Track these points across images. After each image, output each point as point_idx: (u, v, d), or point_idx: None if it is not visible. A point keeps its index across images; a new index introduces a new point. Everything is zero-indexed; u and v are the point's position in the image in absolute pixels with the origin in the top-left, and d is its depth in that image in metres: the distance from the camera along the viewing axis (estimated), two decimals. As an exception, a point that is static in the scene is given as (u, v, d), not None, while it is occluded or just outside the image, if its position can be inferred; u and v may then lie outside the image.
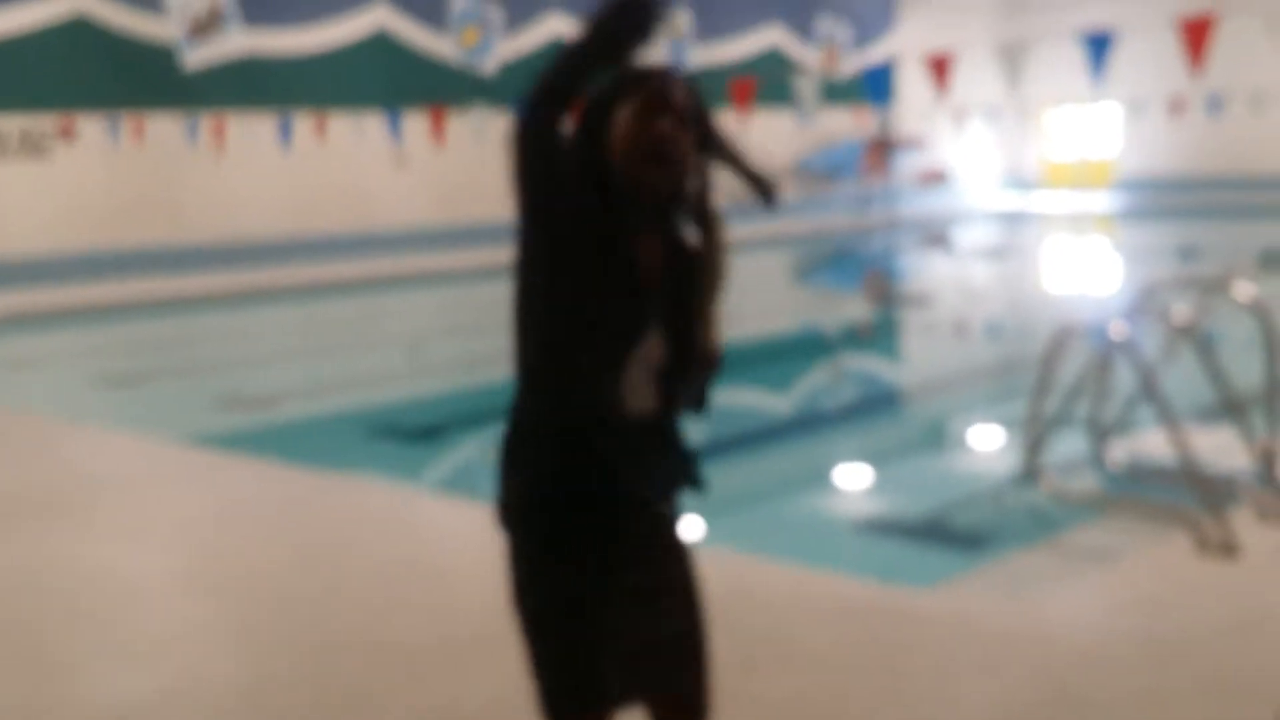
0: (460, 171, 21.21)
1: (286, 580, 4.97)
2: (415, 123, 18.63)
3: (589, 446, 2.27)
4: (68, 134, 17.63)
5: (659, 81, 2.29)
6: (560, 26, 22.61)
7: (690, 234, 2.32)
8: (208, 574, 5.11)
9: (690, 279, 2.30)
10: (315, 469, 6.90)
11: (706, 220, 2.35)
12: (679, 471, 2.41)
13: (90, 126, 17.71)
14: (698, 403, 2.39)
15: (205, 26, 17.01)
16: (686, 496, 2.47)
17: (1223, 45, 10.80)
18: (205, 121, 18.07)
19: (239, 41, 16.73)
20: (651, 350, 2.27)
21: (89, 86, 17.76)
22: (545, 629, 2.33)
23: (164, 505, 6.18)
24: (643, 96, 2.26)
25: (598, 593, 2.31)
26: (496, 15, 17.67)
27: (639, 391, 2.28)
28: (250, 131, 18.57)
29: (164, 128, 18.03)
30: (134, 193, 18.31)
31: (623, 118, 2.25)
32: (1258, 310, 5.93)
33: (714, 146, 2.35)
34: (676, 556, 2.42)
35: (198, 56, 16.68)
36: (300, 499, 6.21)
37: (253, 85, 18.93)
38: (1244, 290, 6.01)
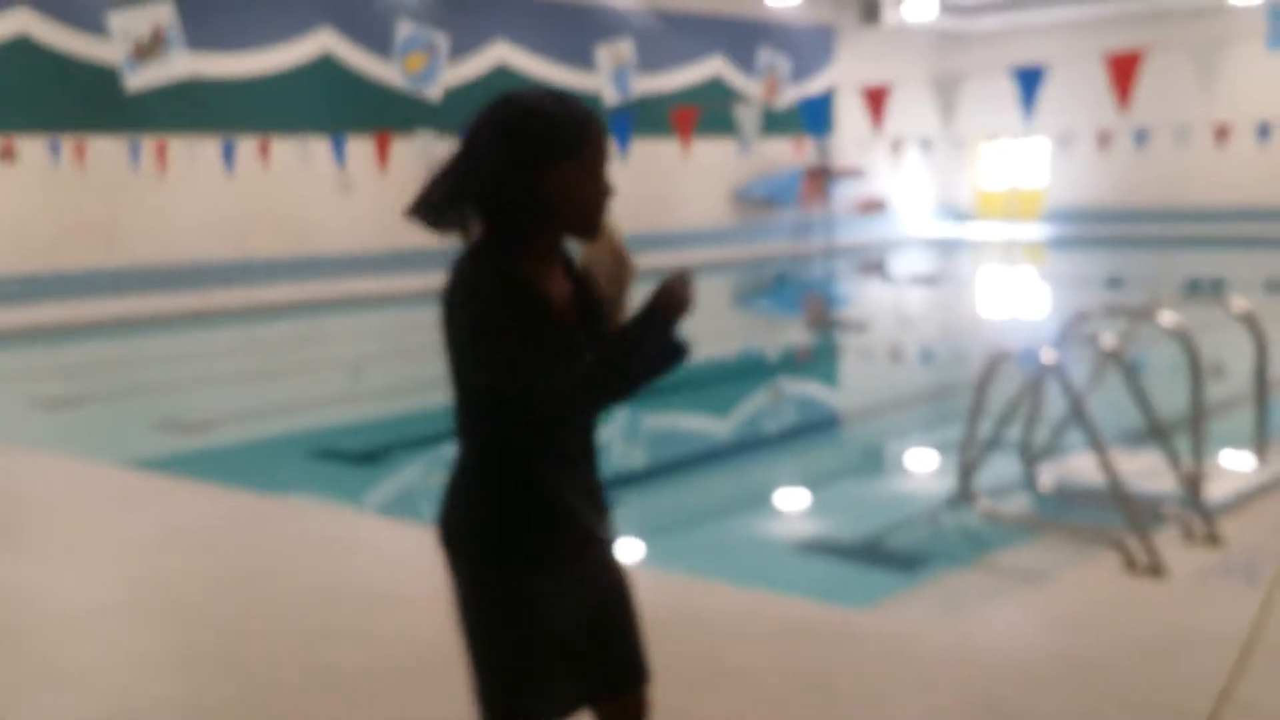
0: (404, 197, 21.13)
1: (224, 604, 4.91)
2: (359, 148, 18.66)
3: (553, 465, 2.33)
4: (8, 155, 17.44)
5: (599, 138, 2.27)
6: (506, 54, 22.76)
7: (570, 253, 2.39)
8: (145, 598, 5.04)
9: (591, 296, 2.40)
10: (255, 492, 6.81)
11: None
12: (599, 481, 2.47)
13: (31, 148, 17.53)
14: (663, 362, 2.36)
15: (148, 49, 16.94)
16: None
17: (1149, 80, 11.17)
18: (147, 144, 17.96)
19: (182, 64, 16.67)
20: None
21: (30, 107, 17.56)
22: (510, 648, 2.35)
23: (101, 528, 6.07)
24: (594, 157, 2.26)
25: (559, 609, 2.37)
26: (442, 42, 17.76)
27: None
28: (193, 155, 18.48)
29: (106, 150, 17.89)
30: (75, 215, 18.13)
31: (574, 178, 2.24)
32: (1182, 337, 6.01)
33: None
34: (617, 566, 2.51)
35: (140, 79, 16.60)
36: (239, 522, 6.13)
37: (196, 108, 18.83)
38: (1169, 318, 6.08)
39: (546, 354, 2.21)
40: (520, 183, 2.22)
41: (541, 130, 2.22)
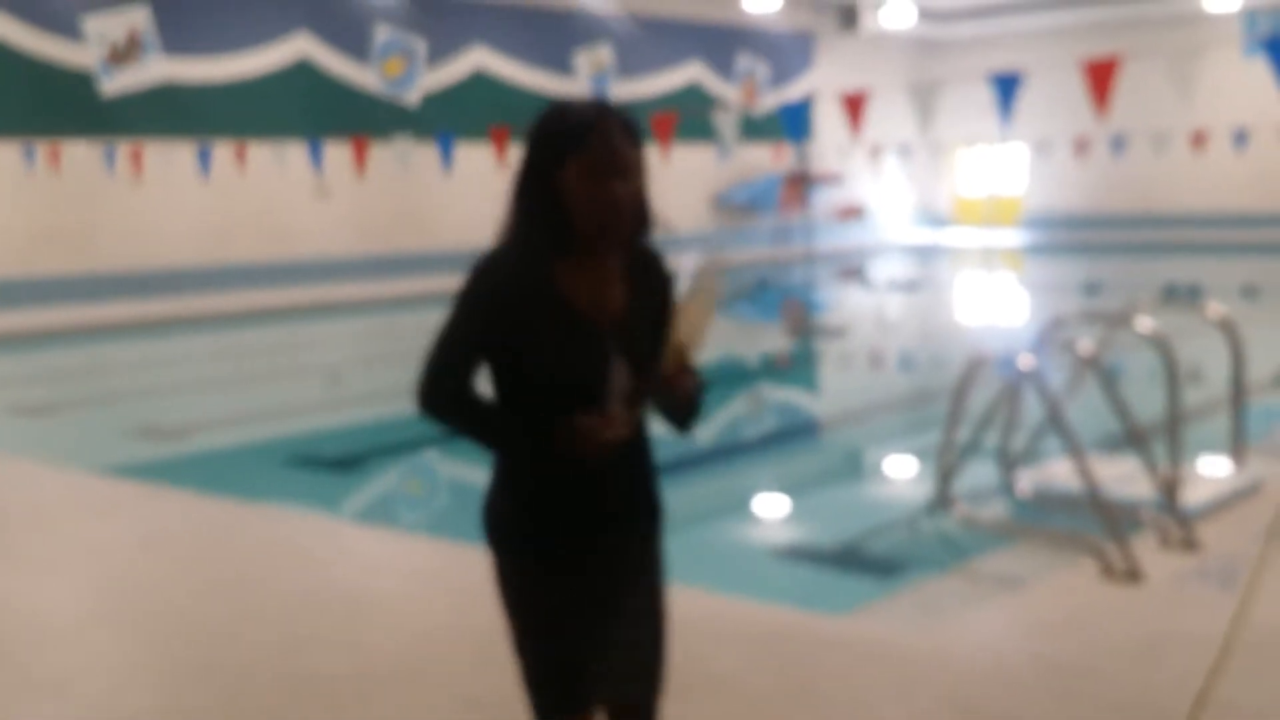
0: (381, 202, 21.17)
1: (202, 611, 4.90)
2: (337, 153, 18.59)
3: (575, 472, 2.36)
4: (-19, 159, 17.33)
5: (606, 139, 2.29)
6: (484, 59, 22.73)
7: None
8: (122, 605, 5.02)
9: (653, 305, 2.44)
10: (232, 499, 6.79)
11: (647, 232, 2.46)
12: (651, 494, 2.52)
13: (5, 153, 17.40)
14: (681, 423, 2.48)
15: (124, 53, 16.86)
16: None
17: (1126, 87, 11.22)
18: (123, 149, 17.85)
19: (158, 69, 16.61)
20: (620, 379, 2.33)
21: (4, 112, 17.41)
22: (536, 640, 2.45)
23: (77, 536, 6.04)
24: (593, 158, 2.28)
25: (583, 606, 2.43)
26: (420, 46, 17.74)
27: (619, 422, 2.34)
28: (169, 160, 18.37)
29: (81, 155, 17.77)
30: (50, 220, 17.99)
31: (575, 178, 2.28)
32: (1159, 343, 6.03)
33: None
34: (652, 576, 2.56)
35: (116, 83, 16.52)
36: (217, 529, 6.12)
37: (171, 113, 18.72)
38: (1146, 324, 6.11)
39: (552, 351, 2.29)
40: (539, 185, 2.31)
41: (551, 128, 2.32)
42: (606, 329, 2.36)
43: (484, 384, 2.42)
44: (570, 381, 2.32)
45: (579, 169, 2.27)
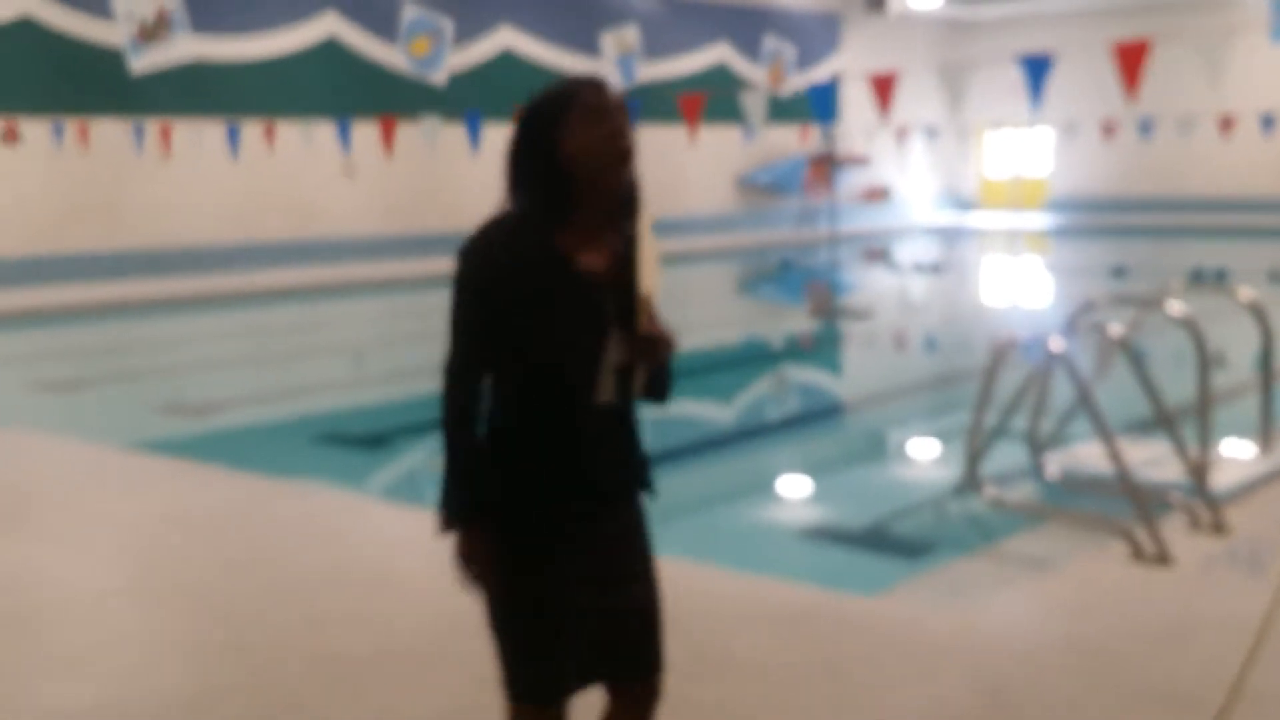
0: (408, 181, 21.23)
1: (228, 587, 4.89)
2: (364, 132, 18.64)
3: (565, 445, 2.39)
4: (11, 137, 17.43)
5: (598, 92, 2.39)
6: (511, 39, 22.73)
7: (625, 226, 2.44)
8: (148, 581, 5.02)
9: (630, 269, 2.42)
10: (258, 475, 6.80)
11: (635, 209, 2.47)
12: (640, 468, 2.53)
13: (35, 130, 17.51)
14: (658, 392, 2.50)
15: (153, 31, 16.92)
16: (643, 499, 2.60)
17: (1154, 70, 11.14)
18: (151, 127, 17.94)
19: (187, 47, 16.64)
20: (614, 348, 2.38)
21: (34, 90, 17.52)
22: (517, 619, 2.43)
23: (105, 511, 6.06)
24: (590, 107, 2.37)
25: (569, 582, 2.42)
26: (448, 26, 17.74)
27: (606, 385, 2.41)
28: (197, 138, 18.46)
29: (110, 132, 17.86)
30: (78, 198, 18.12)
31: (578, 130, 2.35)
32: (1190, 326, 6.02)
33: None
34: (643, 549, 2.54)
35: (145, 61, 16.57)
36: (243, 505, 6.12)
37: (200, 92, 18.79)
38: (1177, 307, 6.09)
39: (562, 318, 2.34)
40: (539, 150, 2.37)
41: (545, 98, 2.40)
42: (604, 291, 2.38)
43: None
44: (570, 341, 2.35)
45: (578, 117, 2.35)
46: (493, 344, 2.36)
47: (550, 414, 2.38)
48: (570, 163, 2.35)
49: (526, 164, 2.39)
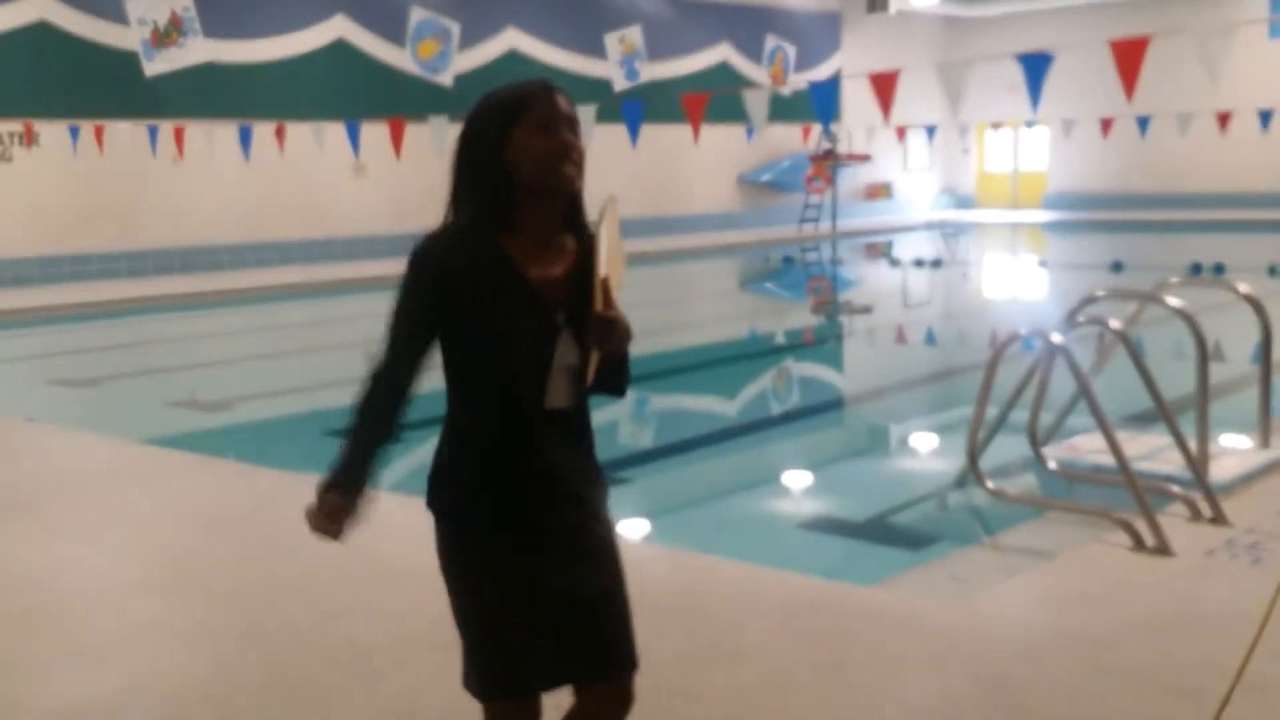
0: (417, 181, 21.42)
1: (243, 578, 4.89)
2: (374, 133, 18.82)
3: (521, 447, 2.38)
4: (28, 140, 17.63)
5: (549, 98, 2.35)
6: (517, 40, 22.91)
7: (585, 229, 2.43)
8: (165, 572, 5.02)
9: (586, 272, 2.38)
10: (273, 469, 6.78)
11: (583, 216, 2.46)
12: (592, 467, 2.49)
13: (50, 132, 17.69)
14: (616, 385, 2.47)
15: (166, 35, 17.13)
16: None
17: (1152, 67, 11.29)
18: (165, 129, 18.10)
19: (200, 51, 16.86)
20: (567, 352, 2.36)
21: (50, 93, 17.68)
22: (480, 615, 2.41)
23: (121, 504, 6.06)
24: (538, 114, 2.33)
25: (529, 582, 2.38)
26: (454, 29, 17.94)
27: (558, 391, 2.38)
28: (210, 140, 18.62)
29: (124, 135, 18.03)
30: (94, 199, 18.30)
31: (526, 135, 2.32)
32: (1189, 320, 6.01)
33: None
34: (608, 549, 2.48)
35: (159, 65, 16.78)
36: (257, 498, 6.10)
37: (213, 94, 18.95)
38: (1177, 301, 6.09)
39: (511, 323, 2.33)
40: (486, 157, 2.34)
41: (493, 102, 2.37)
42: (555, 300, 2.36)
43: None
44: (520, 349, 2.33)
45: (528, 126, 2.32)
46: (425, 344, 2.38)
47: (504, 417, 2.37)
48: (517, 170, 2.32)
49: (474, 171, 2.36)
